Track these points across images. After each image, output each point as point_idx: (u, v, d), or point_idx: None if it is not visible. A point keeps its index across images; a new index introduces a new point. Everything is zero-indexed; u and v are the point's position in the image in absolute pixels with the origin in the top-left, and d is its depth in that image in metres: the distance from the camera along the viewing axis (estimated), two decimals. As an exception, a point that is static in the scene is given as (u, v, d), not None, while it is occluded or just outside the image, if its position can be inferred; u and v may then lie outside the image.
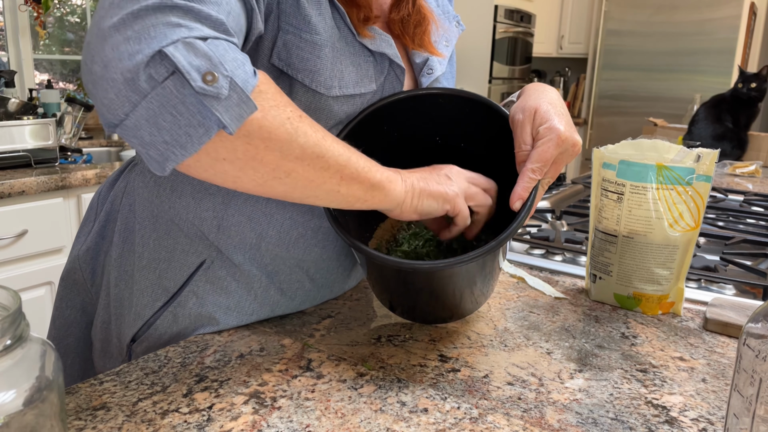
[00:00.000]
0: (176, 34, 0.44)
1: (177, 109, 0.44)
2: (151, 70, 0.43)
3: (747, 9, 3.88)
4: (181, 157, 0.46)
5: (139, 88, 0.43)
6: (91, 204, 0.79)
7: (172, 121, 0.44)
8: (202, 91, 0.44)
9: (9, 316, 0.35)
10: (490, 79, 4.12)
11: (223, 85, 0.44)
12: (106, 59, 0.43)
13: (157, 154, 0.46)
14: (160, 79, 0.43)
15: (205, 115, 0.45)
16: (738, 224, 1.33)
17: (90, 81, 0.45)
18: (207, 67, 0.44)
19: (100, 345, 0.73)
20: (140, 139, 0.45)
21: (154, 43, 0.43)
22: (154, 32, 0.43)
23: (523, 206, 0.62)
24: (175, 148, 0.45)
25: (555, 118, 0.63)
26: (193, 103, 0.44)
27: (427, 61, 0.73)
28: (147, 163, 0.47)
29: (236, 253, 0.67)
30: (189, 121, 0.45)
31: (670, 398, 0.59)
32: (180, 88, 0.44)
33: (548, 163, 0.63)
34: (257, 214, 0.67)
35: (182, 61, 0.43)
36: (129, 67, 0.43)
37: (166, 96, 0.44)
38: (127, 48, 0.43)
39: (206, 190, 0.66)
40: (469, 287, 0.65)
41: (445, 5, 0.81)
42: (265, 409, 0.55)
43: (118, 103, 0.44)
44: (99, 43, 0.44)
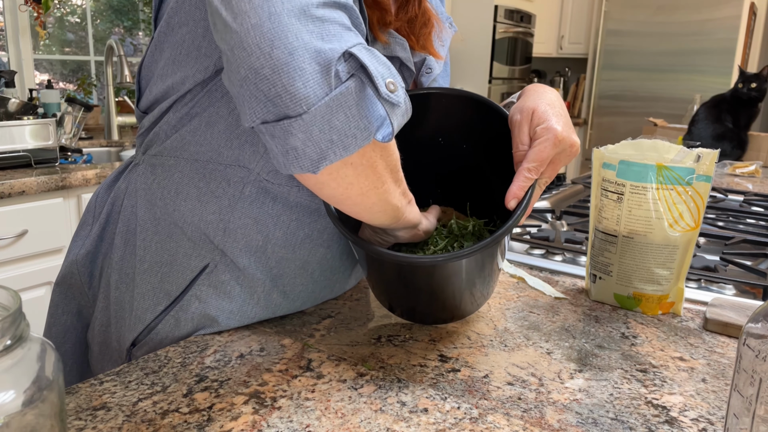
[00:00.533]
0: (353, 38, 0.45)
1: (351, 110, 0.45)
2: (339, 67, 0.44)
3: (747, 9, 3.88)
4: (339, 156, 0.46)
5: (328, 83, 0.43)
6: (88, 207, 0.77)
7: (344, 120, 0.45)
8: (387, 98, 0.45)
9: (9, 316, 0.35)
10: (490, 80, 4.12)
11: (401, 94, 0.47)
12: (292, 47, 0.42)
13: (316, 152, 0.45)
14: (344, 78, 0.44)
15: (371, 120, 0.46)
16: (738, 224, 1.33)
17: (268, 66, 0.43)
18: (389, 76, 0.46)
19: (98, 348, 0.73)
20: (308, 134, 0.44)
21: (338, 42, 0.44)
22: (334, 31, 0.44)
23: (519, 205, 0.62)
24: (337, 147, 0.46)
25: (553, 119, 0.63)
26: (367, 107, 0.45)
27: (425, 61, 0.73)
28: (292, 159, 0.46)
29: (242, 257, 0.67)
30: (358, 123, 0.45)
31: (670, 398, 0.59)
32: (360, 90, 0.45)
33: (545, 163, 0.63)
34: (264, 216, 0.66)
35: (370, 64, 0.44)
36: (320, 62, 0.43)
37: (346, 95, 0.44)
38: (313, 41, 0.43)
39: (212, 192, 0.66)
40: (468, 287, 0.65)
41: (438, 6, 0.81)
42: (265, 409, 0.55)
43: (304, 95, 0.43)
44: (278, 28, 0.43)
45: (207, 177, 0.66)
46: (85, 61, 2.92)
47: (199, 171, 0.66)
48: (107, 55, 2.52)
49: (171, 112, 0.67)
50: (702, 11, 3.99)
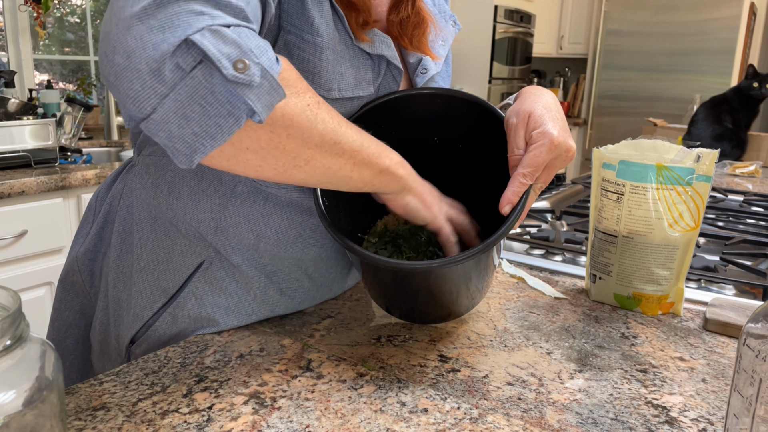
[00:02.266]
0: (201, 22, 0.43)
1: (206, 99, 0.43)
2: (178, 59, 0.42)
3: (747, 9, 3.88)
4: (210, 148, 0.45)
5: (166, 79, 0.42)
6: (89, 205, 0.78)
7: (201, 111, 0.43)
8: (234, 79, 0.43)
9: (9, 317, 0.35)
10: (489, 80, 4.12)
11: (254, 72, 0.43)
12: (129, 49, 0.42)
13: (185, 146, 0.45)
14: (188, 69, 0.42)
15: (235, 104, 0.44)
16: (738, 224, 1.33)
17: (112, 73, 0.43)
18: (237, 55, 0.43)
19: (99, 347, 0.73)
20: (168, 132, 0.44)
21: (178, 32, 0.42)
22: (177, 20, 0.42)
23: (513, 210, 0.62)
24: (204, 139, 0.44)
25: (549, 123, 0.62)
26: (223, 92, 0.43)
27: (421, 61, 0.73)
28: (172, 156, 0.46)
29: (234, 254, 0.67)
30: (218, 110, 0.43)
31: (670, 398, 0.59)
32: (209, 77, 0.43)
33: (540, 168, 0.62)
34: (255, 215, 0.67)
35: (211, 48, 0.42)
36: (155, 57, 0.41)
37: (195, 86, 0.43)
38: (151, 37, 0.42)
39: (204, 191, 0.66)
40: (465, 285, 0.66)
41: (441, 4, 0.81)
42: (265, 409, 0.55)
43: (144, 96, 0.42)
44: (121, 33, 0.42)
45: (199, 176, 0.66)
46: (84, 61, 2.92)
47: (191, 170, 0.66)
48: (107, 55, 2.51)
49: None
50: (702, 11, 3.99)
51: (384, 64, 0.67)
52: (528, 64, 4.65)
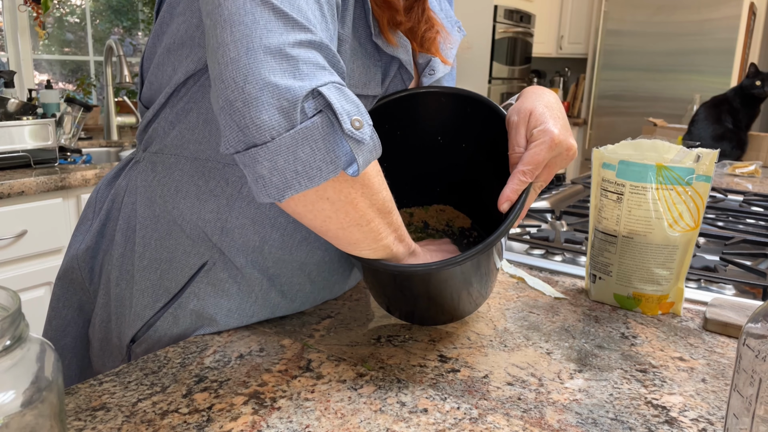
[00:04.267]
0: (326, 76, 0.48)
1: (317, 144, 0.47)
2: (305, 104, 0.47)
3: (747, 9, 3.88)
4: (304, 187, 0.48)
5: (292, 117, 0.46)
6: (89, 202, 0.78)
7: (309, 153, 0.47)
8: (350, 133, 0.48)
9: (8, 317, 0.35)
10: (489, 79, 4.12)
11: (366, 132, 0.49)
12: (263, 83, 0.46)
13: (281, 181, 0.48)
14: (310, 114, 0.47)
15: (338, 155, 0.48)
16: (738, 224, 1.33)
17: (240, 99, 0.46)
18: (355, 113, 0.49)
19: (99, 344, 0.73)
20: (273, 163, 0.47)
21: (308, 81, 0.47)
22: (306, 69, 0.48)
23: (512, 208, 0.62)
24: (302, 178, 0.48)
25: (550, 121, 0.62)
26: (333, 142, 0.48)
27: (429, 62, 0.73)
28: (261, 187, 0.49)
29: (239, 256, 0.67)
30: (324, 157, 0.48)
31: (670, 398, 0.59)
32: (327, 125, 0.48)
33: (540, 166, 0.62)
34: (261, 217, 0.66)
35: (336, 103, 0.47)
36: (288, 98, 0.46)
37: (312, 130, 0.47)
38: (285, 80, 0.46)
39: (210, 191, 0.66)
40: (466, 289, 0.65)
41: (447, 10, 0.81)
42: (264, 409, 0.54)
43: (269, 126, 0.46)
44: (253, 64, 0.46)
45: (206, 175, 0.66)
46: (84, 61, 2.92)
47: (198, 169, 0.66)
48: (106, 56, 2.52)
49: (168, 107, 0.67)
50: (702, 11, 3.99)
51: (395, 67, 0.68)
52: (528, 64, 4.66)
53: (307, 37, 0.49)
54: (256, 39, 0.47)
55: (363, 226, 0.55)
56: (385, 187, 0.57)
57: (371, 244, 0.58)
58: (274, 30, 0.47)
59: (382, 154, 0.69)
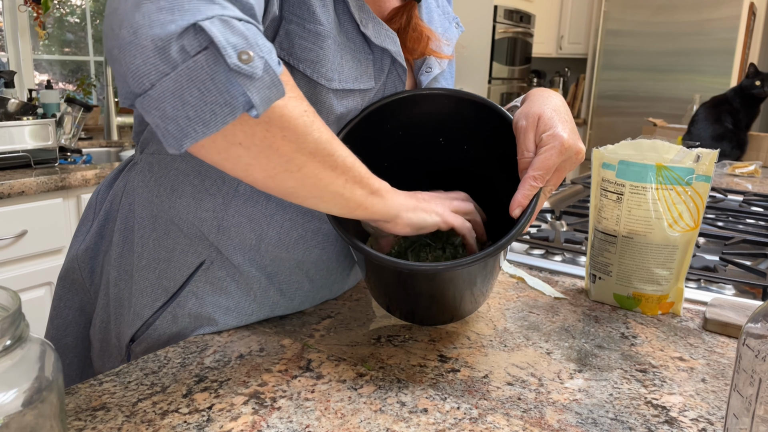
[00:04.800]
0: (211, 10, 0.43)
1: (205, 84, 0.43)
2: (184, 41, 0.42)
3: (746, 9, 3.88)
4: (201, 134, 0.44)
5: (169, 59, 0.42)
6: (90, 203, 0.78)
7: (198, 96, 0.43)
8: (236, 68, 0.43)
9: (9, 317, 0.35)
10: (489, 80, 4.12)
11: (257, 65, 0.44)
12: (136, 25, 0.42)
13: (177, 129, 0.44)
14: (192, 53, 0.43)
15: (233, 95, 0.44)
16: (737, 224, 1.33)
17: (116, 46, 0.43)
18: (243, 46, 0.43)
19: (99, 345, 0.73)
20: (162, 111, 0.44)
21: (188, 16, 0.42)
22: (188, 5, 0.43)
23: (524, 213, 0.62)
24: (197, 124, 0.44)
25: (559, 125, 0.62)
26: (223, 81, 0.43)
27: (425, 60, 0.73)
28: (162, 138, 0.45)
29: (236, 254, 0.67)
30: (216, 98, 0.43)
31: (670, 398, 0.59)
32: (212, 63, 0.43)
33: (550, 171, 0.62)
34: (257, 215, 0.67)
35: (219, 36, 0.42)
36: (161, 36, 0.42)
37: (196, 70, 0.43)
38: (160, 17, 0.42)
39: (206, 190, 0.66)
40: (470, 289, 0.65)
41: (444, 6, 0.81)
42: (264, 409, 0.55)
43: (145, 71, 0.43)
44: (130, 9, 0.43)
45: (202, 174, 0.66)
46: (84, 61, 2.92)
47: (194, 168, 0.66)
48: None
49: None
50: (702, 11, 3.99)
51: (388, 60, 0.67)
52: (528, 64, 4.65)
53: None
54: None
55: (294, 171, 0.51)
56: (319, 127, 0.51)
57: (313, 191, 0.53)
58: None
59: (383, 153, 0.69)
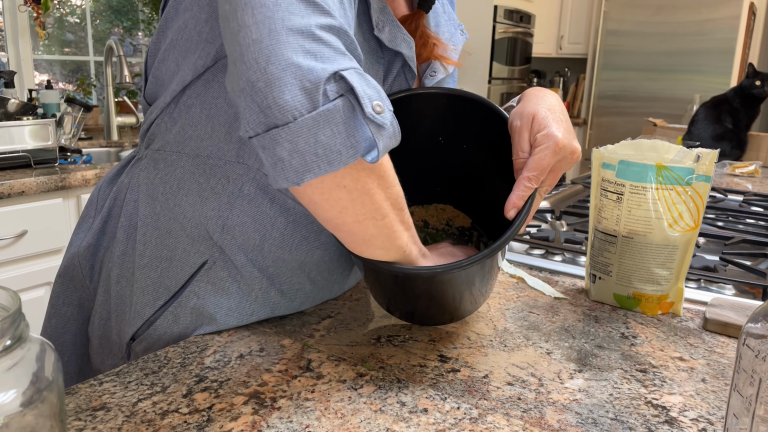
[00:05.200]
0: (348, 62, 0.48)
1: (338, 127, 0.47)
2: (328, 86, 0.47)
3: (746, 9, 3.88)
4: (323, 171, 0.48)
5: (314, 99, 0.46)
6: (91, 200, 0.78)
7: (330, 136, 0.47)
8: (371, 117, 0.48)
9: (8, 317, 0.35)
10: (489, 80, 4.12)
11: (387, 117, 0.49)
12: (286, 64, 0.46)
13: (301, 163, 0.47)
14: (332, 97, 0.47)
15: (358, 140, 0.48)
16: (737, 224, 1.33)
17: (263, 80, 0.46)
18: (377, 98, 0.49)
19: (98, 341, 0.73)
20: (293, 145, 0.47)
21: (331, 64, 0.47)
22: (328, 53, 0.47)
23: (519, 214, 0.62)
24: (322, 161, 0.47)
25: (553, 125, 0.62)
26: (354, 126, 0.48)
27: (430, 65, 0.73)
28: (279, 170, 0.48)
29: (239, 254, 0.67)
30: (344, 141, 0.47)
31: (670, 398, 0.59)
32: (348, 109, 0.47)
33: (545, 171, 0.62)
34: (261, 216, 0.67)
35: (358, 87, 0.47)
36: (311, 79, 0.46)
37: (334, 113, 0.47)
38: (308, 62, 0.46)
39: (212, 189, 0.66)
40: (469, 289, 0.65)
41: (450, 12, 0.81)
42: (265, 409, 0.55)
43: (291, 106, 0.46)
44: (276, 45, 0.46)
45: (208, 173, 0.66)
46: (84, 61, 2.92)
47: (200, 167, 0.66)
48: (107, 56, 2.52)
49: (171, 103, 0.67)
50: (702, 11, 3.99)
51: (399, 64, 0.68)
52: (528, 64, 4.66)
53: (327, 21, 0.49)
54: (279, 21, 0.47)
55: (378, 220, 0.55)
56: (397, 182, 0.56)
57: (385, 242, 0.57)
58: (296, 12, 0.47)
59: None
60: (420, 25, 0.70)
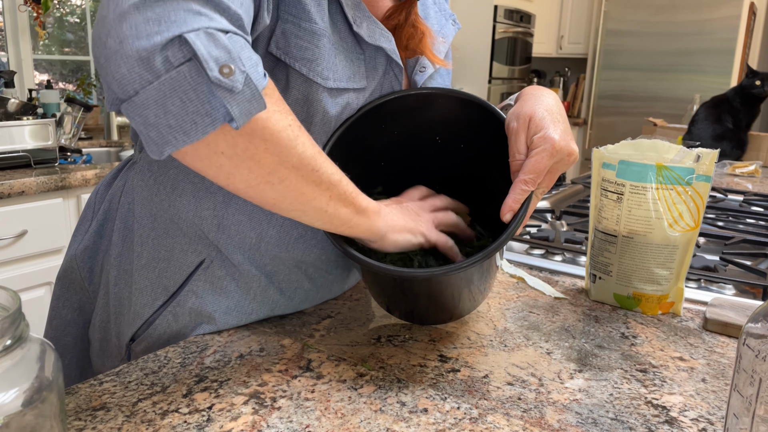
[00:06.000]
0: (198, 22, 0.44)
1: (187, 95, 0.44)
2: (168, 52, 0.44)
3: (747, 9, 3.88)
4: (182, 143, 0.46)
5: (153, 68, 0.44)
6: (89, 202, 0.78)
7: (180, 106, 0.44)
8: (217, 81, 0.44)
9: (9, 317, 0.35)
10: (489, 80, 4.12)
11: (238, 79, 0.45)
12: (123, 35, 0.43)
13: (158, 136, 0.46)
14: (176, 64, 0.44)
15: (214, 106, 0.45)
16: (738, 224, 1.33)
17: (103, 55, 0.45)
18: (225, 60, 0.45)
19: (99, 344, 0.73)
20: (144, 118, 0.45)
21: (174, 28, 0.44)
22: (175, 16, 0.44)
23: (515, 217, 0.62)
24: (177, 133, 0.45)
25: (550, 127, 0.61)
26: (204, 92, 0.44)
27: (418, 60, 0.73)
28: (145, 144, 0.47)
29: (236, 253, 0.67)
30: (197, 108, 0.45)
31: (670, 398, 0.59)
32: (195, 75, 0.44)
33: (542, 174, 0.62)
34: (258, 214, 0.67)
35: (202, 49, 0.44)
36: (146, 46, 0.43)
37: (179, 80, 0.44)
38: (146, 28, 0.43)
39: (207, 188, 0.66)
40: (467, 287, 0.66)
41: (441, 3, 0.81)
42: (264, 409, 0.55)
43: (129, 79, 0.44)
44: (117, 19, 0.44)
45: None
46: (84, 61, 2.92)
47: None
48: (107, 56, 2.51)
49: None
50: (702, 11, 3.99)
51: (383, 59, 0.67)
52: (528, 64, 4.66)
53: None
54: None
55: (275, 184, 0.52)
56: (303, 142, 0.52)
57: (295, 205, 0.54)
58: None
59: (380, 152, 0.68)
60: (410, 13, 0.69)
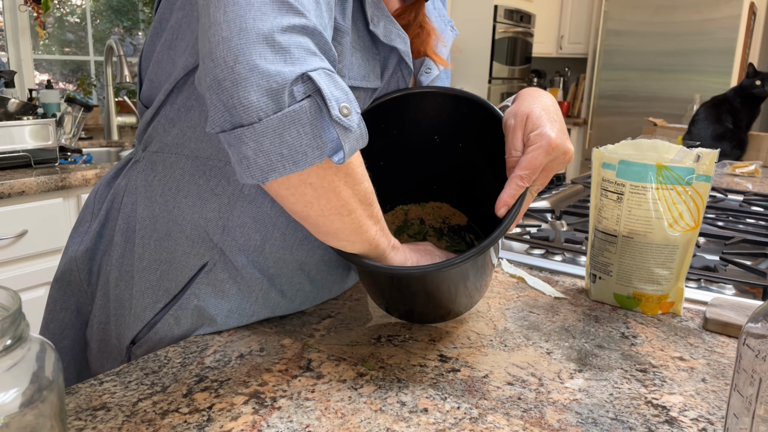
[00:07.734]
0: (315, 62, 0.48)
1: (305, 128, 0.47)
2: (295, 87, 0.47)
3: (747, 9, 3.88)
4: (288, 171, 0.48)
5: (280, 100, 0.46)
6: (87, 202, 0.77)
7: (295, 137, 0.47)
8: (337, 120, 0.48)
9: (9, 317, 0.35)
10: (489, 79, 4.12)
11: (354, 119, 0.49)
12: (253, 65, 0.46)
13: (266, 163, 0.48)
14: (299, 98, 0.47)
15: (325, 141, 0.48)
16: (738, 224, 1.33)
17: (229, 79, 0.46)
18: (344, 100, 0.49)
19: (97, 346, 0.73)
20: (260, 144, 0.47)
21: (299, 65, 0.47)
22: (297, 54, 0.47)
23: (509, 212, 0.62)
24: (287, 162, 0.48)
25: (547, 125, 0.62)
26: (320, 127, 0.48)
27: (424, 61, 0.73)
28: (244, 168, 0.48)
29: (240, 256, 0.67)
30: (310, 142, 0.48)
31: (670, 398, 0.59)
32: (314, 110, 0.48)
33: (537, 171, 0.63)
34: (262, 216, 0.67)
35: (326, 89, 0.47)
36: (277, 80, 0.46)
37: (300, 114, 0.47)
38: (276, 65, 0.46)
39: (212, 190, 0.66)
40: (463, 282, 0.66)
41: (441, 9, 0.81)
42: (265, 409, 0.55)
43: (256, 107, 0.46)
44: (244, 46, 0.46)
45: (207, 174, 0.66)
46: (84, 61, 2.92)
47: (199, 168, 0.66)
48: (107, 55, 2.52)
49: (168, 105, 0.67)
50: (702, 11, 3.99)
51: (394, 60, 0.68)
52: (528, 64, 4.66)
53: (300, 21, 0.49)
54: (250, 20, 0.46)
55: (344, 215, 0.55)
56: (367, 178, 0.57)
57: (351, 235, 0.58)
58: (268, 12, 0.47)
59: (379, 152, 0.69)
60: (420, 13, 0.70)
